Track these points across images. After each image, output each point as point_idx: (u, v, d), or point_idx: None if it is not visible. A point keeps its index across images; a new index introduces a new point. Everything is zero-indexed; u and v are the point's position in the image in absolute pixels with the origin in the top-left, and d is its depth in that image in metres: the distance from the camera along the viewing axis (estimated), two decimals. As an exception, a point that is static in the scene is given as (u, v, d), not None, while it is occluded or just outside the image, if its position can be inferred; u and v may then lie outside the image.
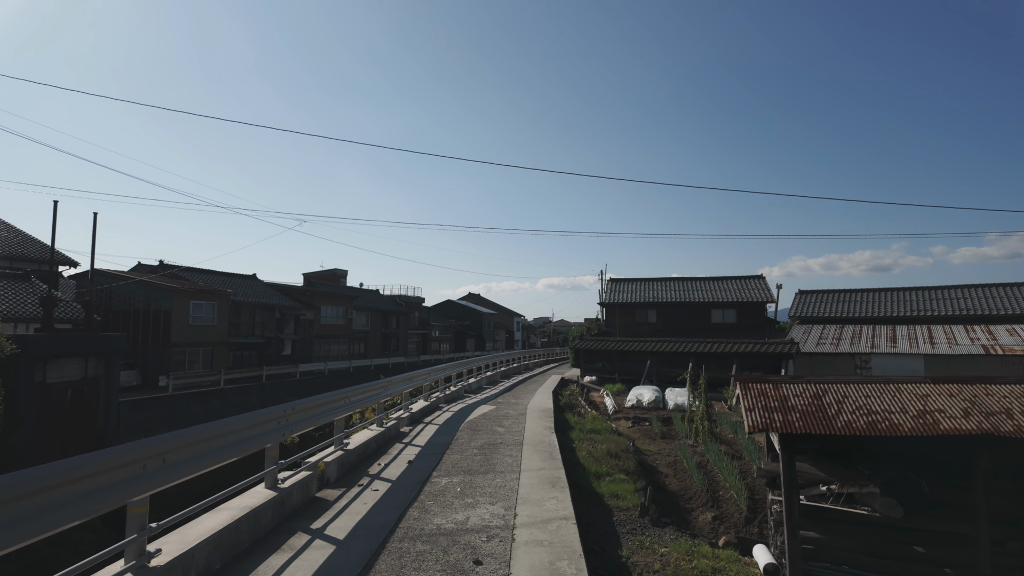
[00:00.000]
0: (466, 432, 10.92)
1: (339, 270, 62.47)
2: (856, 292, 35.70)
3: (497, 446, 9.49)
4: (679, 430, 16.68)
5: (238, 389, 27.23)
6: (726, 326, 37.79)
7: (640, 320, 39.18)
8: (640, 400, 21.25)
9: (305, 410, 6.64)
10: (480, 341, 79.28)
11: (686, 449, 13.20)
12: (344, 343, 48.60)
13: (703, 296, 38.53)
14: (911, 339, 28.32)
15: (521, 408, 14.89)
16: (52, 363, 17.30)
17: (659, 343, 28.36)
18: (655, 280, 41.70)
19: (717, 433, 14.93)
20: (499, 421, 12.39)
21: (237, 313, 37.93)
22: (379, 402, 10.38)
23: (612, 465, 9.84)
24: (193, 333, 32.93)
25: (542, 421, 12.30)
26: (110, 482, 3.81)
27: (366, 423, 10.09)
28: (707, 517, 9.42)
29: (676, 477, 11.61)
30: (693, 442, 14.56)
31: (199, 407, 23.84)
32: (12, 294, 21.70)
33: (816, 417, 5.06)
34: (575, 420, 14.77)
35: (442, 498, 6.58)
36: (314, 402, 6.99)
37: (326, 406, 7.37)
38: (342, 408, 7.91)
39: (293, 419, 6.39)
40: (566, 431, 12.68)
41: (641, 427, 17.56)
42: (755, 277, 40.26)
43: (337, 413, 7.78)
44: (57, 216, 18.30)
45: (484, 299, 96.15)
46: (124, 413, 20.43)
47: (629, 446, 12.18)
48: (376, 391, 9.99)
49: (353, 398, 8.50)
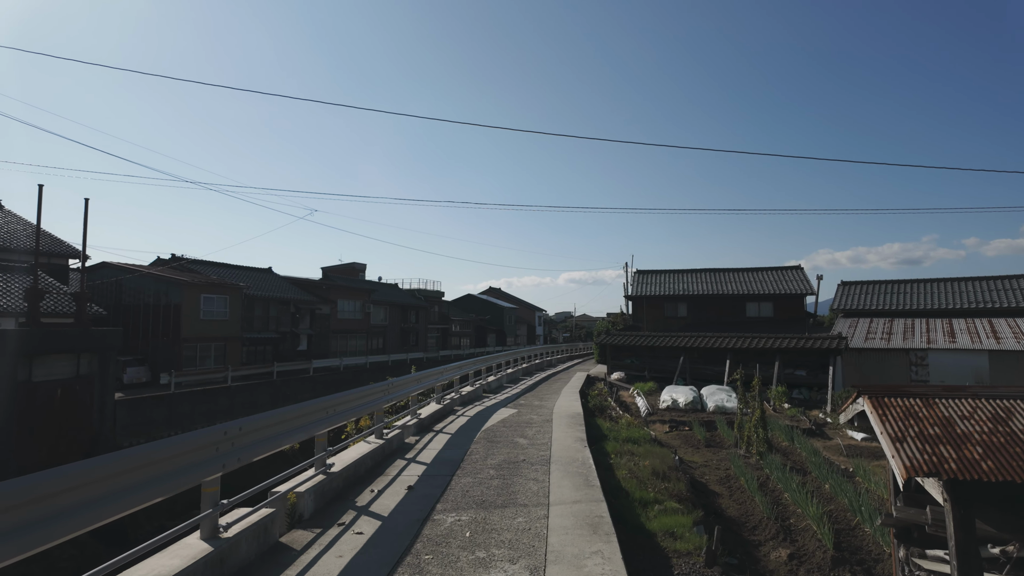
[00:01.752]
0: (482, 444, 9.20)
1: (357, 264, 61.36)
2: (905, 283, 33.16)
3: (519, 465, 7.74)
4: (725, 437, 14.77)
5: (247, 386, 25.95)
6: (762, 320, 35.49)
7: (669, 314, 37.08)
8: (675, 401, 19.34)
9: (259, 430, 4.95)
10: (501, 336, 77.68)
11: (739, 462, 11.32)
12: (362, 338, 47.35)
13: (737, 288, 36.26)
14: (971, 333, 25.83)
15: (546, 412, 13.13)
16: (39, 360, 16.03)
17: (692, 338, 26.33)
18: (685, 272, 39.50)
19: (771, 440, 12.99)
20: (521, 429, 10.65)
21: (251, 307, 36.82)
22: (380, 408, 8.71)
23: (660, 489, 8.03)
24: (204, 328, 31.83)
25: (571, 430, 10.53)
26: None
27: (362, 434, 8.44)
28: (781, 555, 7.56)
29: (732, 498, 9.74)
30: (745, 452, 12.65)
31: (204, 406, 22.58)
32: (16, 287, 20.63)
33: (1011, 454, 3.26)
34: (608, 426, 12.95)
35: (444, 549, 4.85)
36: (275, 418, 5.30)
37: (294, 422, 5.68)
38: (319, 423, 6.22)
39: (241, 443, 4.71)
40: (599, 441, 10.89)
41: (680, 433, 15.68)
42: (793, 268, 37.84)
43: (313, 429, 6.10)
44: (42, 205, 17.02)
45: (505, 293, 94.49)
46: (121, 413, 19.21)
47: (675, 461, 10.33)
48: (374, 396, 8.32)
49: (339, 408, 6.81)
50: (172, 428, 20.59)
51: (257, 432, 4.96)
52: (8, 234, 27.30)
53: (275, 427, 5.29)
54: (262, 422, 4.99)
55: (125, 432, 19.10)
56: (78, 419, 17.21)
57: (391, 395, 8.94)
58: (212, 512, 4.40)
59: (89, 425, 17.58)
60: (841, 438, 16.19)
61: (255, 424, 4.93)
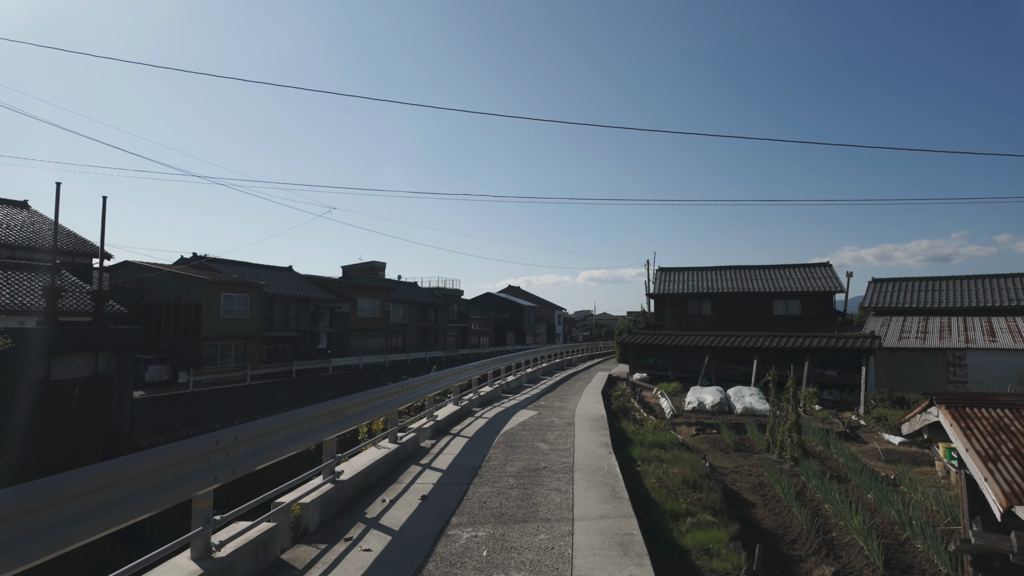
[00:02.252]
0: (501, 449, 8.73)
1: (377, 262, 61.38)
2: (939, 280, 31.92)
3: (540, 473, 7.26)
4: (756, 441, 14.13)
5: (266, 385, 25.87)
6: (789, 319, 34.51)
7: (693, 312, 36.26)
8: (702, 402, 18.68)
9: (257, 438, 4.54)
10: (520, 335, 77.22)
11: (774, 469, 10.69)
12: (381, 336, 47.27)
13: (763, 286, 35.30)
14: (1012, 332, 24.68)
15: (567, 414, 12.63)
16: (57, 359, 15.99)
17: (718, 337, 25.56)
18: (709, 269, 38.60)
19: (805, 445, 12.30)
20: (542, 433, 10.16)
21: (271, 306, 36.87)
22: (394, 411, 8.29)
23: (692, 499, 7.48)
24: (225, 326, 31.91)
25: (594, 434, 10.02)
26: None
27: (374, 439, 8.03)
28: (825, 573, 6.97)
29: (767, 508, 9.15)
30: (778, 458, 12.00)
31: (223, 404, 22.50)
32: (40, 286, 20.72)
33: None
34: (632, 429, 12.40)
35: (459, 571, 4.40)
36: (274, 425, 4.88)
37: (297, 428, 5.26)
38: (326, 428, 5.81)
39: (236, 452, 4.30)
40: (624, 445, 10.35)
41: (708, 436, 15.06)
42: (821, 264, 36.74)
43: (319, 435, 5.69)
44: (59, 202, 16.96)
45: (524, 292, 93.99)
46: (140, 412, 19.16)
47: (706, 468, 9.76)
48: (388, 398, 7.90)
49: (349, 412, 6.40)
50: (191, 427, 20.53)
51: (255, 440, 4.55)
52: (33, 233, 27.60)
53: (275, 434, 4.87)
54: (260, 429, 4.58)
55: (144, 431, 19.05)
56: (97, 418, 17.15)
57: (405, 397, 8.52)
58: (203, 529, 4.00)
59: (108, 424, 17.53)
60: (877, 442, 15.43)
61: (252, 432, 4.52)
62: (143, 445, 18.82)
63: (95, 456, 16.96)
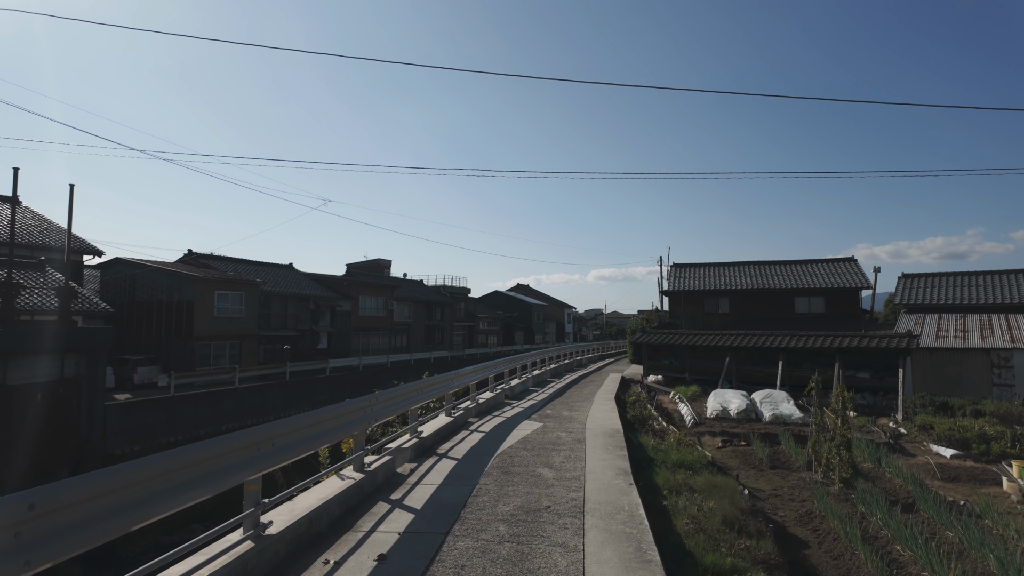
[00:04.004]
0: (494, 478, 7.08)
1: (382, 260, 59.96)
2: (974, 275, 29.84)
3: (541, 516, 5.61)
4: (792, 456, 12.38)
5: (257, 388, 24.36)
6: (812, 316, 32.58)
7: (710, 310, 34.42)
8: (726, 409, 16.94)
9: (77, 503, 2.91)
10: (529, 334, 75.56)
11: (822, 494, 8.98)
12: (384, 336, 45.78)
13: (785, 282, 33.38)
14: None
15: (577, 427, 10.95)
16: (15, 361, 14.55)
17: (739, 336, 23.76)
18: (727, 264, 36.71)
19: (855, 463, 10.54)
20: (546, 453, 8.50)
21: (268, 304, 35.47)
22: (362, 431, 6.67)
23: (737, 548, 5.80)
24: (219, 325, 30.52)
25: (609, 455, 8.34)
26: None
27: (336, 466, 6.42)
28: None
29: (823, 548, 7.43)
30: (823, 478, 10.27)
31: (208, 409, 21.02)
32: (31, 284, 19.34)
33: None
34: (653, 445, 10.71)
35: None
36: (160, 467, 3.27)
37: (196, 468, 3.64)
38: (245, 466, 4.17)
39: (52, 526, 2.69)
40: (645, 466, 8.68)
41: (736, 449, 13.35)
42: (846, 259, 34.76)
43: (232, 476, 4.07)
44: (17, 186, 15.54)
45: (533, 290, 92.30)
46: (115, 419, 17.71)
47: (745, 497, 8.05)
48: (348, 417, 6.29)
49: (282, 440, 4.78)
50: (172, 434, 19.07)
51: (96, 502, 2.93)
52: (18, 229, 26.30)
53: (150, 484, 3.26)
54: (76, 492, 2.93)
55: (120, 439, 17.61)
56: (64, 426, 15.72)
57: (374, 413, 6.88)
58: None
59: (76, 432, 16.09)
60: (927, 454, 13.65)
61: (89, 489, 2.90)
62: (117, 455, 17.38)
63: (62, 468, 15.53)
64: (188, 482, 3.70)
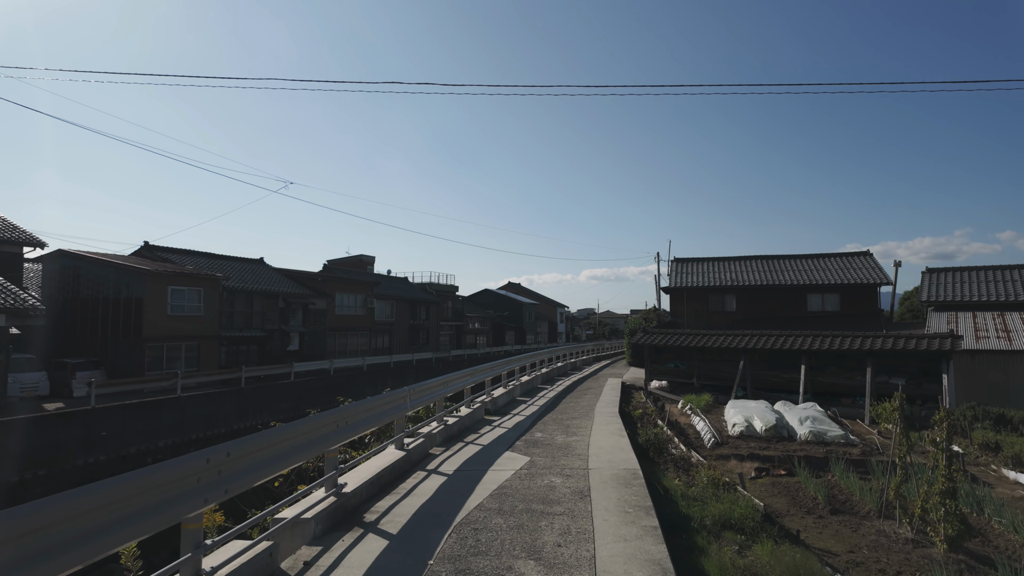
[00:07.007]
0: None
1: (365, 256, 56.85)
2: (1004, 269, 27.22)
3: None
4: (855, 493, 9.49)
5: (206, 397, 21.25)
6: (827, 315, 29.89)
7: (714, 308, 31.66)
8: (750, 424, 14.07)
9: None
10: (520, 334, 72.62)
11: (924, 562, 6.15)
12: (364, 336, 42.70)
13: (796, 278, 30.65)
14: (1117, 331, 20.05)
15: (577, 467, 8.01)
16: None
17: (755, 337, 20.96)
18: (733, 259, 33.96)
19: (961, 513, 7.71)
20: (533, 520, 5.56)
21: (232, 302, 32.34)
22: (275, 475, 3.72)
23: None
24: (173, 325, 27.35)
25: (633, 529, 5.40)
26: None
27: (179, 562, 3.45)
28: None
29: None
30: (915, 535, 7.40)
31: (140, 423, 17.92)
32: None
33: None
34: (682, 490, 7.79)
35: None
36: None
37: None
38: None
39: None
40: (679, 531, 5.78)
41: (775, 480, 10.49)
42: (861, 253, 32.12)
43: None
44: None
45: (525, 289, 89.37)
46: (17, 438, 14.61)
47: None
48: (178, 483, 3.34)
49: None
50: (91, 454, 16.00)
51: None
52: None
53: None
54: None
55: (21, 461, 14.53)
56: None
57: (224, 478, 3.90)
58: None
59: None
60: (1004, 483, 10.84)
61: None
62: (13, 482, 14.30)
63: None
64: None
